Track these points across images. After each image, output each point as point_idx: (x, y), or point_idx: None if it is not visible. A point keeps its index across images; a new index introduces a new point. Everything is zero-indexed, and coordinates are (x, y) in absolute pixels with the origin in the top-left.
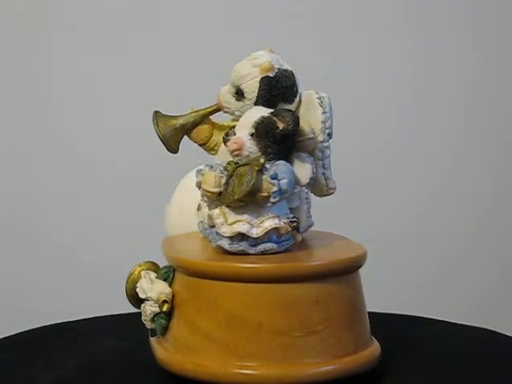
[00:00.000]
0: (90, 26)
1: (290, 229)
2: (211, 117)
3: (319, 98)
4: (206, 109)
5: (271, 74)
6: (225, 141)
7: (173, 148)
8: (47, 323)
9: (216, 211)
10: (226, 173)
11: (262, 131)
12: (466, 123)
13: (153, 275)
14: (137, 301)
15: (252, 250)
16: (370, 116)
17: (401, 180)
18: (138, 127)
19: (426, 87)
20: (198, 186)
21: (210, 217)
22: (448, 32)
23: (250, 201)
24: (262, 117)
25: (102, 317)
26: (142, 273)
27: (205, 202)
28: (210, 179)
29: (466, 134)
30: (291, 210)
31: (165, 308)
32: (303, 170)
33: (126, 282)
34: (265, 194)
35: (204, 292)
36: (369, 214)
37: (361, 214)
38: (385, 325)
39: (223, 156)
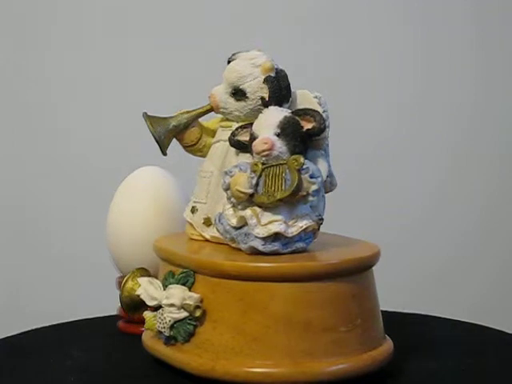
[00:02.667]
0: (89, 27)
1: (316, 227)
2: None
3: (316, 97)
4: (198, 110)
5: (273, 74)
6: (231, 141)
7: (165, 150)
8: (47, 323)
9: (248, 212)
10: (254, 174)
11: (289, 131)
12: (466, 123)
13: (157, 281)
14: (134, 309)
15: (285, 250)
16: (370, 116)
17: (401, 180)
18: (137, 128)
19: (426, 87)
20: (227, 187)
21: (242, 218)
22: (448, 32)
23: (290, 200)
24: (286, 117)
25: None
26: (144, 279)
27: (231, 203)
28: (243, 180)
29: (466, 134)
30: (311, 207)
31: (198, 313)
32: (322, 167)
33: (122, 291)
34: (304, 193)
35: (248, 295)
36: (368, 214)
37: (360, 213)
38: (386, 322)
39: (218, 157)
